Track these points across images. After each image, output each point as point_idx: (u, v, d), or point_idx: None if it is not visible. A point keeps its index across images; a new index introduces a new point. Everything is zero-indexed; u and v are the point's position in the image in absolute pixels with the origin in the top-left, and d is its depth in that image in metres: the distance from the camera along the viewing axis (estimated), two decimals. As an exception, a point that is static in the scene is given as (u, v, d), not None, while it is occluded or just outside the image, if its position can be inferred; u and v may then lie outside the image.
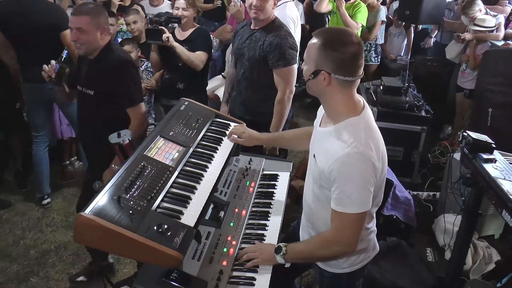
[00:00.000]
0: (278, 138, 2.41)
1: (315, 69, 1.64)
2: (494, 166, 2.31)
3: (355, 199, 1.63)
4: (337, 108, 1.71)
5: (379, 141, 1.72)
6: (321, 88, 1.67)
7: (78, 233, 1.56)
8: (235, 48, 3.14)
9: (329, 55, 1.61)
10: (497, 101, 4.06)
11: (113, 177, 1.74)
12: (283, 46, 2.88)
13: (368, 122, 1.72)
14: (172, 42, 3.28)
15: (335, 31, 1.76)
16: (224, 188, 2.25)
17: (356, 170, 1.60)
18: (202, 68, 3.43)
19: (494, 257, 3.08)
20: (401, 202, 3.30)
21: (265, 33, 2.93)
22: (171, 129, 2.15)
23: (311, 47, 1.66)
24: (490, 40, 4.54)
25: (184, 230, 1.60)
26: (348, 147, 1.61)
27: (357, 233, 1.72)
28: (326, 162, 1.65)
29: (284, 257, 1.81)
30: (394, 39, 5.93)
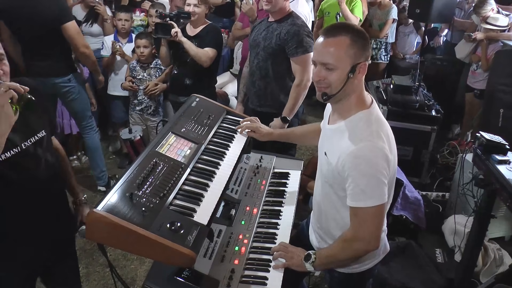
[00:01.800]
0: (289, 133, 2.39)
1: (352, 65, 1.61)
2: (508, 168, 2.28)
3: (371, 192, 1.60)
4: (352, 103, 1.69)
5: (389, 133, 1.70)
6: (354, 83, 1.65)
7: (90, 230, 1.54)
8: (251, 40, 3.13)
9: (364, 45, 1.62)
10: (508, 101, 4.02)
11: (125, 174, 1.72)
12: (301, 34, 2.88)
13: (378, 115, 1.71)
14: (180, 37, 3.27)
15: (346, 23, 1.76)
16: (235, 186, 2.23)
17: (369, 163, 1.58)
18: (210, 65, 3.41)
19: (505, 259, 3.05)
20: (411, 202, 3.28)
21: (282, 23, 2.94)
22: (183, 125, 2.13)
23: (338, 48, 1.60)
24: (502, 40, 4.49)
25: (197, 228, 1.58)
26: (361, 140, 1.59)
27: (378, 227, 1.68)
28: (339, 158, 1.63)
29: (313, 265, 1.79)
30: (404, 38, 5.88)
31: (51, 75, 3.49)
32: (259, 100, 3.15)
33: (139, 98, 4.10)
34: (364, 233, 1.68)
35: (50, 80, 3.50)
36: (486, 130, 2.99)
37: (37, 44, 3.39)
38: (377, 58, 5.53)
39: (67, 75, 3.55)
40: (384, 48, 5.57)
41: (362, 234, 1.68)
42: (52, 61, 3.47)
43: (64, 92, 3.59)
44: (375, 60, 5.52)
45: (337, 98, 1.68)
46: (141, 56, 3.98)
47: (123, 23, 4.22)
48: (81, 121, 3.79)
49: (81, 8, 4.46)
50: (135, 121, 4.20)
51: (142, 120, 4.19)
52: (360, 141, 1.59)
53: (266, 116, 3.07)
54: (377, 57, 5.52)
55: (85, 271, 3.16)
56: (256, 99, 3.16)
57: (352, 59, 1.60)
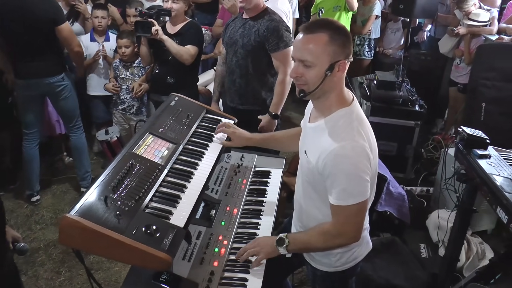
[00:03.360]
0: (270, 138, 2.33)
1: (330, 63, 1.58)
2: (489, 162, 2.29)
3: (353, 190, 1.59)
4: (332, 101, 1.67)
5: (369, 131, 1.69)
6: (333, 81, 1.62)
7: (63, 235, 1.51)
8: (226, 38, 3.10)
9: (343, 42, 1.59)
10: (490, 95, 4.04)
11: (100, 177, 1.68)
12: (280, 29, 2.87)
13: (358, 113, 1.69)
14: (161, 35, 3.23)
15: (325, 20, 1.70)
16: (215, 185, 2.21)
17: (351, 162, 1.57)
18: (192, 63, 3.37)
19: (487, 253, 3.07)
20: (395, 198, 3.27)
21: (259, 19, 2.92)
22: (161, 125, 2.10)
23: (316, 45, 1.57)
24: (484, 34, 4.51)
25: (174, 231, 1.56)
26: (342, 139, 1.57)
27: (360, 223, 1.70)
28: (319, 157, 1.61)
29: (287, 249, 1.78)
30: (391, 35, 5.87)
31: (46, 75, 3.49)
32: (240, 98, 3.12)
33: (122, 98, 4.05)
34: (347, 229, 1.68)
35: (45, 80, 3.49)
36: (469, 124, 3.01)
37: (31, 45, 3.37)
38: (361, 54, 5.52)
39: (60, 73, 3.56)
40: (368, 44, 5.56)
41: (345, 230, 1.68)
42: (47, 61, 3.48)
43: (58, 91, 3.58)
44: (359, 56, 5.52)
45: (316, 96, 1.66)
46: (123, 56, 3.92)
47: (100, 21, 4.14)
48: (71, 120, 3.76)
49: (62, 6, 4.38)
50: (118, 121, 4.15)
51: (125, 120, 4.14)
52: (341, 140, 1.57)
53: (248, 113, 3.06)
54: (360, 53, 5.51)
55: (68, 275, 3.12)
56: (237, 98, 3.13)
57: (331, 56, 1.57)
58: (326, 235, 1.73)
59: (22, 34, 3.31)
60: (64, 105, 3.68)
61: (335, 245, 1.76)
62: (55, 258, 3.23)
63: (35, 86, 3.49)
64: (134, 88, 3.94)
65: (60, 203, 3.81)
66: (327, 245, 1.77)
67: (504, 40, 4.29)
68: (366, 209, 1.70)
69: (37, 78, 3.44)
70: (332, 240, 1.72)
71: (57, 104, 3.73)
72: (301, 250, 1.86)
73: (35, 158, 3.72)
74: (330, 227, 1.71)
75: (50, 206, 3.81)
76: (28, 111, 3.63)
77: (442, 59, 5.27)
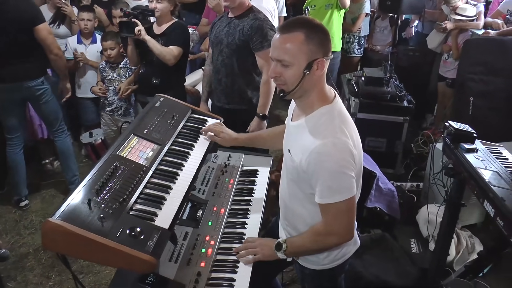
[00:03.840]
0: (256, 137, 2.32)
1: (308, 61, 1.57)
2: (476, 156, 2.29)
3: (338, 187, 1.58)
4: (313, 99, 1.66)
5: (353, 128, 1.68)
6: (313, 80, 1.61)
7: (46, 239, 1.49)
8: (212, 37, 3.08)
9: (320, 40, 1.58)
10: (478, 90, 4.07)
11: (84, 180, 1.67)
12: (265, 27, 2.86)
13: (340, 110, 1.68)
14: (144, 35, 3.21)
15: (301, 18, 1.69)
16: (202, 186, 2.20)
17: (334, 159, 1.56)
18: (178, 64, 3.35)
19: (477, 246, 3.08)
20: (385, 194, 3.28)
21: (244, 18, 2.91)
22: (146, 126, 2.08)
23: (293, 44, 1.56)
24: (471, 29, 4.53)
25: (158, 233, 1.54)
26: (324, 136, 1.57)
27: (351, 220, 1.68)
28: (303, 155, 1.60)
29: (285, 253, 1.79)
30: (379, 33, 5.87)
31: (26, 78, 3.41)
32: (226, 98, 3.11)
33: (109, 99, 4.03)
34: (337, 228, 1.67)
35: (25, 84, 3.41)
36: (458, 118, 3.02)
37: (11, 48, 3.30)
38: (350, 52, 5.52)
39: (40, 77, 3.48)
40: (357, 42, 5.56)
41: (335, 229, 1.67)
42: (27, 64, 3.39)
43: (38, 95, 3.50)
44: (349, 54, 5.52)
45: (296, 95, 1.65)
46: (109, 58, 3.90)
47: (86, 23, 4.10)
48: (53, 124, 3.68)
49: (48, 8, 4.32)
50: (106, 122, 4.12)
51: (113, 121, 4.11)
52: (323, 137, 1.57)
53: (235, 113, 3.05)
54: (350, 51, 5.51)
55: (58, 279, 3.09)
56: (224, 97, 3.12)
57: (308, 55, 1.56)
58: (318, 235, 1.72)
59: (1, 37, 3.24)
60: (45, 109, 3.60)
61: (328, 245, 1.76)
62: (45, 263, 3.20)
63: (16, 90, 3.42)
64: (120, 90, 3.91)
65: (49, 207, 3.78)
66: (321, 246, 1.76)
67: (490, 34, 4.31)
68: (354, 206, 1.67)
69: (17, 81, 3.37)
70: (324, 240, 1.72)
71: (38, 109, 3.66)
72: (299, 254, 1.85)
73: (20, 163, 3.67)
74: (321, 227, 1.70)
75: (39, 210, 3.77)
76: (10, 116, 3.55)
77: (430, 55, 5.28)
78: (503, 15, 4.54)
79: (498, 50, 4.04)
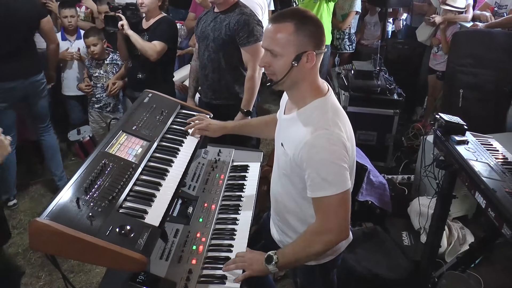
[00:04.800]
0: (245, 125, 2.29)
1: (297, 53, 1.54)
2: (467, 148, 2.30)
3: (332, 180, 1.54)
4: (305, 92, 1.64)
5: (346, 121, 1.66)
6: (303, 72, 1.58)
7: (34, 240, 1.46)
8: (199, 32, 3.05)
9: (310, 32, 1.54)
10: (467, 82, 4.09)
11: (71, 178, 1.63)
12: (251, 23, 2.83)
13: (334, 103, 1.66)
14: (126, 30, 3.21)
15: (296, 9, 1.68)
16: (192, 182, 2.17)
17: (327, 151, 1.53)
18: (163, 59, 3.32)
19: (468, 237, 3.10)
20: (376, 187, 3.28)
21: (229, 13, 2.88)
22: (134, 123, 2.05)
23: (282, 35, 1.54)
24: (459, 22, 4.54)
25: (148, 230, 1.52)
26: (317, 129, 1.54)
27: (346, 215, 1.60)
28: (295, 148, 1.58)
29: (277, 266, 1.68)
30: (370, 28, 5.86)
31: (34, 73, 3.45)
32: (214, 93, 3.09)
33: (97, 96, 3.98)
34: (332, 223, 1.60)
35: (31, 79, 3.43)
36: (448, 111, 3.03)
37: (21, 44, 3.31)
38: (342, 48, 5.52)
39: (41, 71, 3.53)
40: (348, 38, 5.57)
41: (330, 225, 1.60)
42: (33, 59, 3.44)
43: (40, 90, 3.54)
44: (339, 50, 5.53)
45: (285, 86, 1.64)
46: (93, 55, 3.85)
47: (69, 20, 4.03)
48: (44, 119, 3.67)
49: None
50: (95, 119, 4.07)
51: (102, 118, 4.06)
52: (316, 130, 1.54)
53: (223, 108, 3.04)
54: (341, 47, 5.51)
55: (48, 279, 3.05)
56: (211, 92, 3.10)
57: (297, 47, 1.54)
58: (313, 235, 1.65)
59: (6, 34, 3.21)
60: (43, 104, 3.62)
61: (325, 245, 1.65)
62: (34, 263, 3.16)
63: (20, 87, 3.40)
64: (108, 86, 3.87)
65: (38, 206, 3.73)
66: (318, 248, 1.65)
67: (478, 27, 4.32)
68: (348, 201, 1.60)
69: (23, 78, 3.37)
70: (321, 240, 1.62)
71: (36, 104, 3.61)
72: (293, 263, 1.75)
73: (12, 162, 3.62)
74: (315, 225, 1.64)
75: (28, 210, 3.72)
76: (8, 115, 3.49)
77: (420, 48, 5.30)
78: (491, 7, 4.56)
79: (486, 43, 4.05)
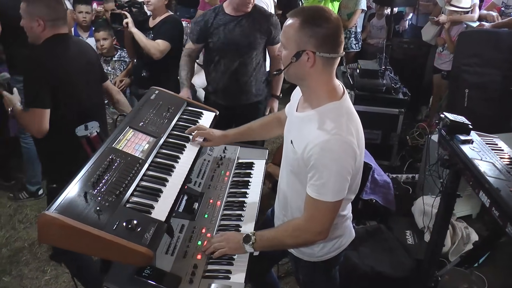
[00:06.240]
0: (246, 130, 2.25)
1: (297, 50, 1.56)
2: (471, 147, 2.30)
3: (332, 187, 1.57)
4: (318, 92, 1.64)
5: (358, 126, 1.67)
6: (304, 70, 1.59)
7: (42, 233, 1.49)
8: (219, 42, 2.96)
9: (312, 32, 1.54)
10: (473, 81, 4.08)
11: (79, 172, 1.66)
12: (278, 22, 3.05)
13: (348, 107, 1.67)
14: (131, 27, 3.23)
15: (313, 8, 1.67)
16: (198, 178, 2.19)
17: (335, 157, 1.55)
18: (167, 58, 3.33)
19: (472, 237, 3.10)
20: (380, 186, 3.29)
21: (256, 16, 2.96)
22: (141, 119, 2.07)
23: (289, 29, 1.58)
24: (465, 22, 4.53)
25: (155, 225, 1.54)
26: (329, 133, 1.55)
27: (331, 221, 1.67)
28: (305, 147, 1.59)
29: (253, 246, 1.75)
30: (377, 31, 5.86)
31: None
32: (246, 94, 3.13)
33: (104, 93, 4.00)
34: (316, 225, 1.66)
35: None
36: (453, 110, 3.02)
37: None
38: (348, 47, 5.53)
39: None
40: (354, 37, 5.58)
41: (314, 226, 1.66)
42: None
43: None
44: (346, 49, 5.53)
45: (291, 79, 1.67)
46: (102, 50, 3.86)
47: (84, 16, 4.08)
48: None
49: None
50: (101, 116, 4.10)
51: (109, 114, 4.08)
52: (329, 134, 1.55)
53: (252, 106, 3.17)
54: (348, 46, 5.53)
55: (53, 273, 3.08)
56: (244, 95, 3.14)
57: (297, 43, 1.56)
58: (296, 230, 1.71)
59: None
60: None
61: (303, 240, 1.74)
62: (40, 257, 3.19)
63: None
64: (115, 83, 3.89)
65: (44, 201, 3.75)
66: (294, 241, 1.75)
67: (484, 26, 4.31)
68: (338, 208, 1.67)
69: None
70: (301, 235, 1.70)
71: None
72: (269, 248, 1.80)
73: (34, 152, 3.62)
74: (302, 222, 1.69)
75: (34, 204, 3.75)
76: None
77: (425, 47, 5.30)
78: (497, 7, 4.55)
79: (492, 42, 4.04)
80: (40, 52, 2.31)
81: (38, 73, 2.22)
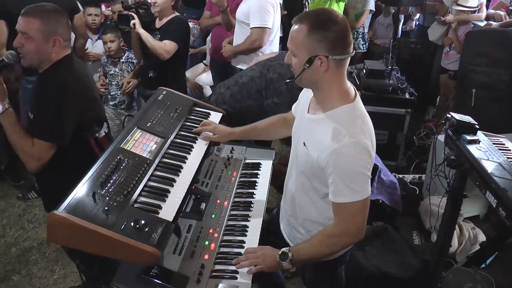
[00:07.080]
0: (252, 129, 2.26)
1: (309, 56, 1.55)
2: (478, 147, 2.29)
3: (356, 187, 1.57)
4: (332, 95, 1.63)
5: (371, 128, 1.68)
6: (318, 75, 1.58)
7: (51, 232, 1.51)
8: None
9: (322, 37, 1.53)
10: (480, 81, 4.07)
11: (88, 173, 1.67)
12: None
13: (361, 110, 1.67)
14: (138, 28, 3.25)
15: (319, 11, 1.66)
16: (205, 178, 2.20)
17: (354, 160, 1.55)
18: (174, 59, 3.34)
19: (479, 237, 3.09)
20: (387, 186, 3.29)
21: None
22: (149, 119, 2.09)
23: (297, 35, 1.56)
24: (473, 21, 4.52)
25: (162, 225, 1.56)
26: (345, 137, 1.55)
27: (364, 220, 1.65)
28: (321, 152, 1.59)
29: (291, 263, 1.70)
30: (383, 29, 5.85)
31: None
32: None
33: (112, 94, 4.03)
34: (351, 227, 1.65)
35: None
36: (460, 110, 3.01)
37: None
38: (355, 47, 5.53)
39: None
40: (362, 38, 5.59)
41: (350, 229, 1.65)
42: None
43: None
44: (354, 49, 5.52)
45: (306, 85, 1.68)
46: (110, 51, 3.89)
47: (93, 18, 4.10)
48: None
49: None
50: (110, 116, 4.11)
51: (116, 115, 4.11)
52: (345, 138, 1.55)
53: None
54: (355, 47, 5.52)
55: (62, 272, 3.10)
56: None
57: (308, 49, 1.55)
58: (331, 237, 1.68)
59: None
60: None
61: (341, 246, 1.72)
62: (49, 257, 3.22)
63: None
64: (123, 84, 3.92)
65: (52, 201, 3.79)
66: (333, 248, 1.72)
67: (492, 26, 4.29)
68: (367, 207, 1.65)
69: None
70: (338, 242, 1.68)
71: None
72: (307, 261, 1.77)
73: None
74: (334, 227, 1.67)
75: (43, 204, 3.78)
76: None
77: (432, 47, 5.28)
78: (505, 6, 4.54)
79: (500, 42, 4.03)
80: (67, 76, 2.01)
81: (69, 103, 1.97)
